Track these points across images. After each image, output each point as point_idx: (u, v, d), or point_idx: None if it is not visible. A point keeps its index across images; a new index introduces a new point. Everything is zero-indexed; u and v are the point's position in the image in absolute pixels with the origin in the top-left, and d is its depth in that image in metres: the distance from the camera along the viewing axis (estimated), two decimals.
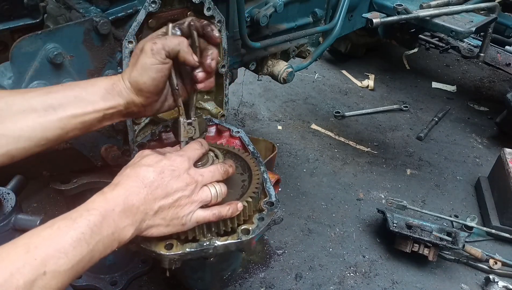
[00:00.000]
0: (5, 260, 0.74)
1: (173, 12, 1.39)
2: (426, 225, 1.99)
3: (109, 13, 1.24)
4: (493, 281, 1.89)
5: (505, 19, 2.69)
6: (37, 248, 0.77)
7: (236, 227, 1.07)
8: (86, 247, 0.81)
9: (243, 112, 3.06)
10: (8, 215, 1.26)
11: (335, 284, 1.92)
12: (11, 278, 0.72)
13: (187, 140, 1.11)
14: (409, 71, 3.76)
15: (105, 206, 0.87)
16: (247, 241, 1.05)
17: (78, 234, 0.81)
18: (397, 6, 2.05)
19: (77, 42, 1.18)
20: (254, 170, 1.19)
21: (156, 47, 0.97)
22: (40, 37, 1.12)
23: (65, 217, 0.83)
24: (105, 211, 0.86)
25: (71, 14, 1.26)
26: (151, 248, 1.01)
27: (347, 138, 2.85)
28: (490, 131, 3.04)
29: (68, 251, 0.79)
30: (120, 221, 0.88)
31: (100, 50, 1.23)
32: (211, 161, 1.10)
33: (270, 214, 1.12)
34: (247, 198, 1.08)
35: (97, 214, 0.84)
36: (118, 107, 1.01)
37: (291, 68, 1.90)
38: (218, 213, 1.00)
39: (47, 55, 1.13)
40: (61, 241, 0.79)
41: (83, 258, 0.81)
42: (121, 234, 0.88)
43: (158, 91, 1.03)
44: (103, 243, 0.85)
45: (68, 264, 0.78)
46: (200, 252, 1.03)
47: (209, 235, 1.05)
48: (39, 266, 0.75)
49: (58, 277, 0.77)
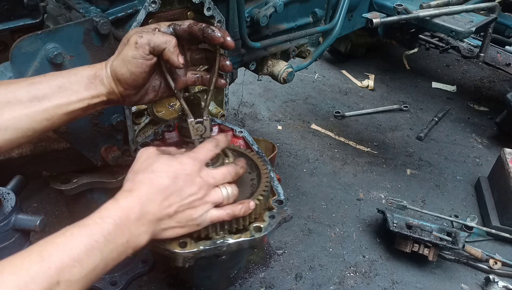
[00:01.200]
0: (20, 269, 0.74)
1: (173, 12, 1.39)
2: (426, 225, 1.99)
3: (109, 13, 1.24)
4: (493, 281, 1.89)
5: (505, 19, 2.68)
6: (51, 256, 0.76)
7: (248, 225, 1.09)
8: (100, 255, 0.81)
9: (243, 112, 3.06)
10: (8, 215, 1.26)
11: (335, 284, 1.92)
12: (25, 288, 0.71)
13: (198, 138, 1.11)
14: (409, 71, 3.76)
15: (119, 214, 0.86)
16: (260, 239, 1.07)
17: (92, 242, 0.80)
18: (397, 6, 2.04)
19: (77, 42, 1.18)
20: (262, 169, 1.21)
21: (140, 41, 0.96)
22: (40, 37, 1.12)
23: (79, 225, 0.83)
24: (120, 219, 0.86)
25: (71, 14, 1.26)
26: (165, 247, 1.02)
27: (347, 138, 2.86)
28: (490, 131, 3.04)
29: (82, 259, 0.79)
30: (135, 228, 0.88)
31: (100, 50, 1.23)
32: (221, 160, 1.12)
33: (280, 212, 1.14)
34: (257, 196, 1.10)
35: (111, 222, 0.84)
36: (100, 96, 1.01)
37: (291, 68, 1.89)
38: (231, 213, 1.01)
39: (47, 55, 1.13)
40: (75, 249, 0.79)
41: (96, 266, 0.81)
42: (136, 241, 0.88)
43: (136, 85, 1.02)
44: (117, 251, 0.85)
45: (82, 273, 0.78)
46: (214, 249, 1.05)
47: (221, 233, 1.06)
48: (53, 276, 0.75)
49: (71, 286, 0.77)
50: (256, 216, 1.11)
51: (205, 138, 1.13)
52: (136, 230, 0.88)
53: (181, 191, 0.93)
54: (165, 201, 0.92)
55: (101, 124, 1.33)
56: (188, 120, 1.10)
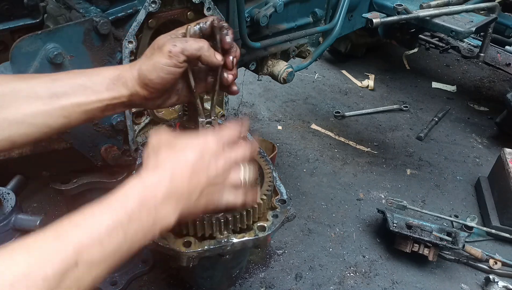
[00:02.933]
0: (32, 248, 0.67)
1: (173, 12, 1.39)
2: (426, 225, 1.99)
3: (109, 13, 1.24)
4: (493, 281, 1.89)
5: (505, 19, 2.68)
6: (69, 235, 0.69)
7: (252, 224, 1.09)
8: (123, 236, 0.74)
9: (243, 112, 3.06)
10: (8, 215, 1.26)
11: (335, 284, 1.92)
12: (38, 268, 0.64)
13: None
14: (409, 71, 3.76)
15: (145, 191, 0.81)
16: (264, 238, 1.08)
17: (115, 221, 0.74)
18: (397, 6, 2.04)
19: (77, 42, 1.18)
20: (265, 168, 1.22)
21: (174, 50, 0.95)
22: (40, 37, 1.12)
23: (100, 203, 0.77)
24: (145, 197, 0.80)
25: (71, 14, 1.26)
26: (169, 246, 1.02)
27: (347, 138, 2.85)
28: (490, 131, 3.04)
29: (103, 239, 0.71)
30: (162, 207, 0.82)
31: (100, 50, 1.23)
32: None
33: (283, 211, 1.15)
34: (261, 195, 1.11)
35: (136, 201, 0.78)
36: (121, 98, 0.99)
37: (291, 68, 1.90)
38: (243, 200, 0.98)
39: (47, 55, 1.13)
40: (95, 228, 0.72)
41: (119, 247, 0.74)
42: (163, 221, 0.82)
43: (163, 89, 1.02)
44: (143, 232, 0.78)
45: (103, 255, 0.71)
46: (218, 249, 1.05)
47: (225, 233, 1.06)
48: (70, 256, 0.67)
49: (91, 269, 0.70)
50: (260, 216, 1.11)
51: None
52: (163, 208, 0.82)
53: (208, 168, 0.89)
54: (194, 178, 0.87)
55: (101, 124, 1.33)
56: (200, 120, 1.10)
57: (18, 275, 0.62)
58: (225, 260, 1.17)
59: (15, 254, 0.65)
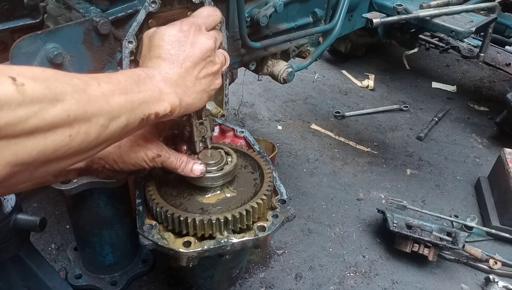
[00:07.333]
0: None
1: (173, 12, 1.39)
2: (426, 225, 1.99)
3: (109, 13, 1.24)
4: (493, 281, 1.89)
5: (505, 19, 2.68)
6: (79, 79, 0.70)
7: (252, 224, 1.09)
8: (124, 100, 0.75)
9: (243, 112, 3.06)
10: (8, 215, 1.26)
11: (335, 284, 1.92)
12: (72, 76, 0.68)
13: (200, 139, 1.13)
14: (409, 71, 3.76)
15: (147, 71, 0.86)
16: (264, 238, 1.08)
17: (119, 84, 0.76)
18: (397, 6, 2.05)
19: (77, 42, 1.18)
20: (265, 168, 1.21)
21: (155, 162, 1.03)
22: (40, 37, 1.12)
23: (103, 74, 0.79)
24: (147, 74, 0.85)
25: (71, 14, 1.26)
26: (169, 246, 1.02)
27: (347, 138, 2.85)
28: (490, 131, 3.05)
29: (118, 84, 0.75)
30: (163, 85, 0.86)
31: (100, 50, 1.23)
32: (225, 159, 1.14)
33: (283, 211, 1.15)
34: (261, 195, 1.11)
35: (141, 73, 0.83)
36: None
37: (291, 68, 1.89)
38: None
39: (47, 55, 1.13)
40: (110, 75, 0.76)
41: (120, 111, 0.74)
42: (164, 101, 0.85)
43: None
44: (146, 105, 0.80)
45: (107, 109, 0.71)
46: (218, 249, 1.05)
47: (225, 233, 1.06)
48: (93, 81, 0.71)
49: (107, 97, 0.72)
50: (260, 216, 1.11)
51: (207, 138, 1.13)
52: (164, 87, 0.86)
53: (192, 40, 0.94)
54: (181, 46, 0.92)
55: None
56: (193, 121, 1.10)
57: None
58: (225, 260, 1.17)
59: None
